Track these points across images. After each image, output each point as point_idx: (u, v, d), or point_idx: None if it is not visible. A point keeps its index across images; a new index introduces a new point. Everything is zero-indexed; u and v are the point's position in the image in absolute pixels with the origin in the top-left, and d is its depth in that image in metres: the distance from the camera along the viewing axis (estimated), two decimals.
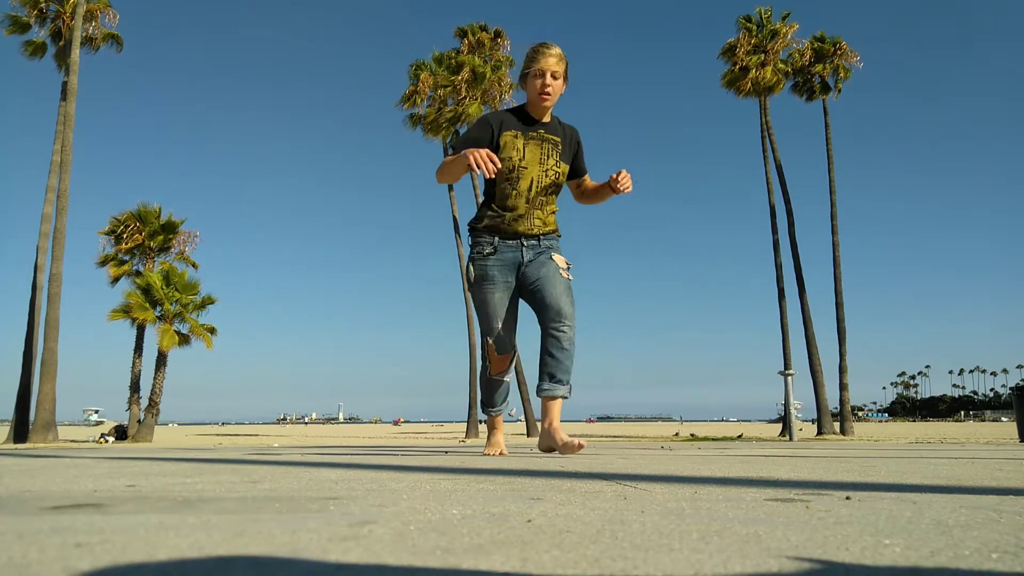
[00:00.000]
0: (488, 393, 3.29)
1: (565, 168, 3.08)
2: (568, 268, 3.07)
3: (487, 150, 2.80)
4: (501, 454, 3.08)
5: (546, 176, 3.02)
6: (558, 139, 3.06)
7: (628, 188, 3.03)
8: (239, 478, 1.74)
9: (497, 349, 3.12)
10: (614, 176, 3.03)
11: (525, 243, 3.05)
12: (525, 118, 3.04)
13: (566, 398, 2.99)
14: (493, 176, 2.82)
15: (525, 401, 25.75)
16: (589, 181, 3.24)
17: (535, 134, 3.02)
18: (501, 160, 2.94)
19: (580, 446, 2.91)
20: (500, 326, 3.06)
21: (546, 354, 2.96)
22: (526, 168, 2.98)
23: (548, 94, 2.96)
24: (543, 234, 3.07)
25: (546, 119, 3.06)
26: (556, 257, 3.06)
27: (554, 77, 2.96)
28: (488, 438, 3.26)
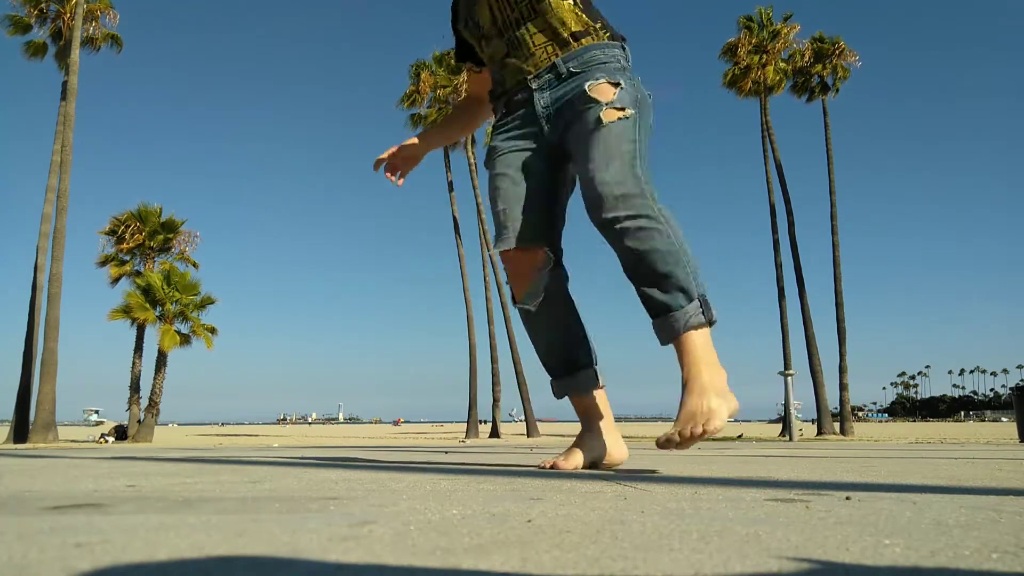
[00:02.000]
0: (537, 346, 2.02)
1: None
2: (619, 97, 1.87)
3: (391, 153, 2.15)
4: (576, 468, 1.91)
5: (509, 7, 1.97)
6: None
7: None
8: (239, 478, 1.74)
9: (499, 242, 1.94)
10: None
11: (535, 84, 1.95)
12: None
13: (706, 323, 1.71)
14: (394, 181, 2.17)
15: (525, 401, 25.75)
16: None
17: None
18: (458, 24, 2.15)
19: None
20: (504, 202, 1.95)
21: (624, 263, 1.77)
22: (476, 3, 2.04)
23: None
24: (561, 53, 1.94)
25: None
26: (594, 89, 1.87)
27: None
28: (575, 442, 1.98)
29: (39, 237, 19.07)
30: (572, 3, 2.00)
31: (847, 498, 1.28)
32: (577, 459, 1.94)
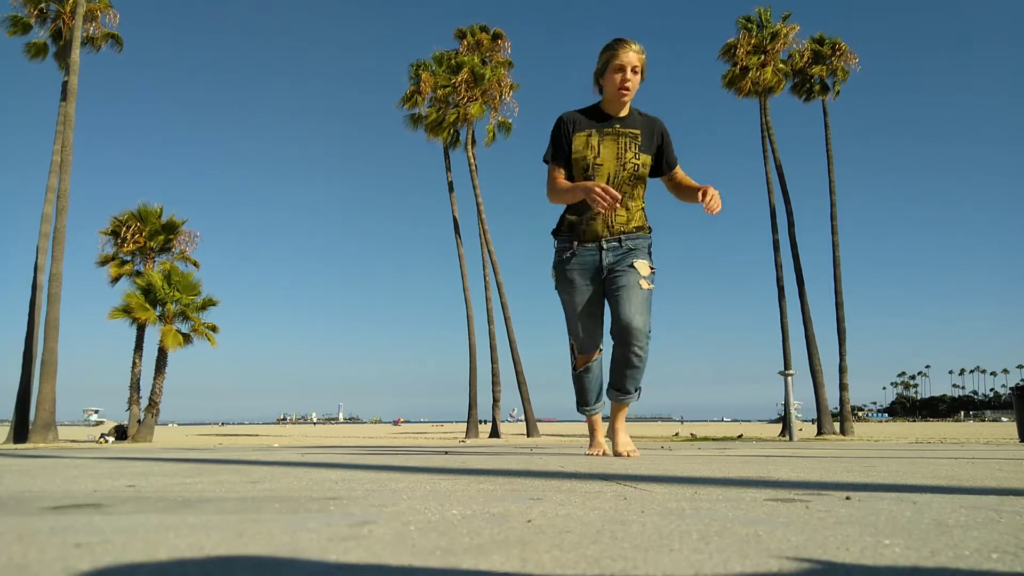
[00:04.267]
0: (578, 391, 3.25)
1: (646, 159, 2.98)
2: (651, 276, 2.99)
3: (607, 186, 2.77)
4: (604, 454, 3.09)
5: (624, 170, 2.94)
6: (637, 131, 2.98)
7: (715, 209, 2.90)
8: (239, 478, 1.74)
9: (579, 349, 3.14)
10: (701, 195, 2.91)
11: (605, 245, 2.98)
12: (599, 115, 2.99)
13: (635, 400, 3.08)
14: (610, 211, 2.83)
15: (525, 401, 25.74)
16: (682, 174, 3.13)
17: (610, 130, 2.95)
18: (575, 160, 2.94)
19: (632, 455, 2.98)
20: (581, 329, 3.07)
21: (617, 367, 2.96)
22: (601, 165, 2.93)
23: (627, 89, 2.91)
24: (625, 233, 2.99)
25: (623, 113, 2.99)
26: (638, 264, 2.97)
27: (634, 72, 2.91)
28: (591, 438, 3.27)
29: (39, 237, 19.08)
30: (643, 204, 3.08)
31: (847, 498, 1.28)
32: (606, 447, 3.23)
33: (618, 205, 2.81)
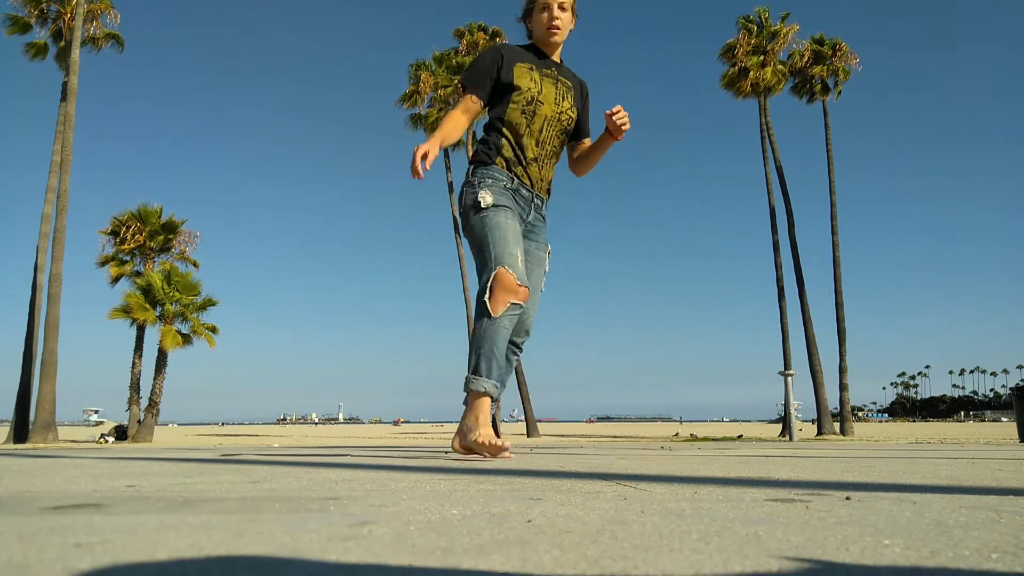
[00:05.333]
0: (488, 350, 2.52)
1: (575, 116, 2.80)
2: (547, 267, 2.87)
3: (426, 148, 2.51)
4: (499, 447, 2.50)
5: (559, 120, 2.73)
6: (570, 83, 2.79)
7: (626, 125, 2.73)
8: (239, 478, 1.74)
9: (519, 277, 2.52)
10: (609, 113, 2.72)
11: (534, 199, 2.75)
12: (538, 53, 2.77)
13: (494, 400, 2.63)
14: (419, 177, 2.50)
15: (525, 401, 25.74)
16: (587, 143, 2.94)
17: (549, 72, 2.74)
18: (518, 92, 2.67)
19: (502, 448, 2.51)
20: (519, 254, 2.56)
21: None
22: (543, 104, 2.69)
23: (557, 27, 2.68)
24: (545, 197, 2.80)
25: (556, 58, 2.79)
26: (547, 253, 2.85)
27: (562, 8, 2.68)
28: (471, 424, 2.55)
29: (39, 237, 19.08)
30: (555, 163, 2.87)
31: (847, 498, 1.28)
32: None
33: (546, 159, 2.71)
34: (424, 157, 2.52)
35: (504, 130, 2.69)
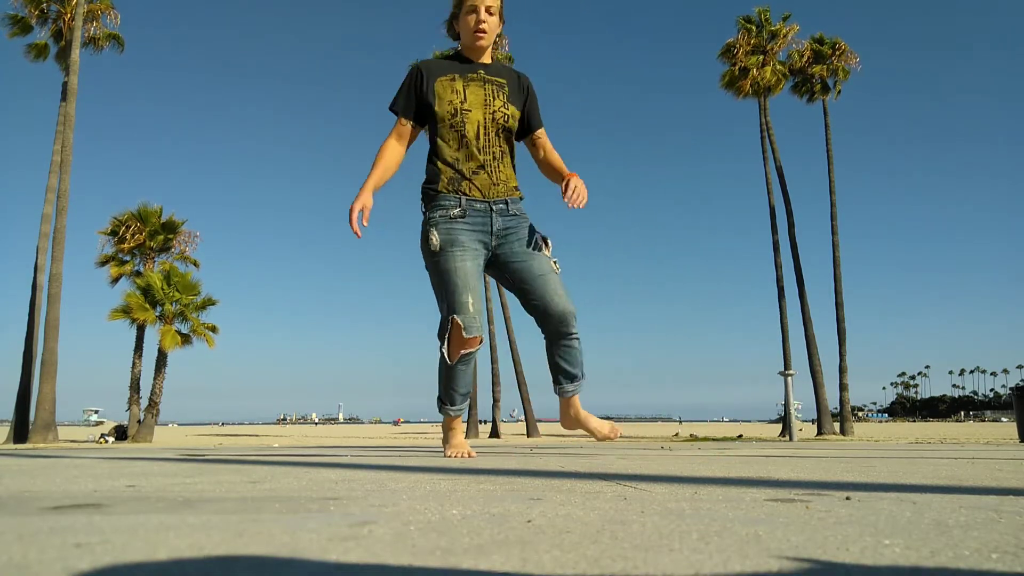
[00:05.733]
0: (448, 387, 2.74)
1: (515, 111, 2.73)
2: (551, 255, 2.76)
3: (361, 204, 2.56)
4: (469, 455, 2.70)
5: (493, 121, 2.68)
6: (503, 80, 2.74)
7: (578, 203, 2.68)
8: (239, 478, 1.74)
9: (466, 329, 2.57)
10: (564, 186, 2.70)
11: (494, 206, 2.68)
12: (461, 60, 2.75)
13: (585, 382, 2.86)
14: (358, 235, 2.54)
15: (525, 401, 25.73)
16: (549, 144, 2.90)
17: (475, 75, 2.70)
18: (441, 104, 2.66)
19: (613, 432, 2.92)
20: (471, 301, 2.57)
21: (560, 361, 2.76)
22: (470, 111, 2.66)
23: (483, 31, 2.66)
24: (509, 197, 2.72)
25: (485, 60, 2.76)
26: (546, 251, 2.74)
27: (489, 12, 2.67)
28: (446, 439, 2.84)
29: (39, 237, 19.09)
30: (513, 162, 2.81)
31: (847, 498, 1.28)
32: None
33: (494, 164, 2.65)
34: (362, 211, 2.55)
35: (440, 152, 2.70)
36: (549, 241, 2.79)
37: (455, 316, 2.57)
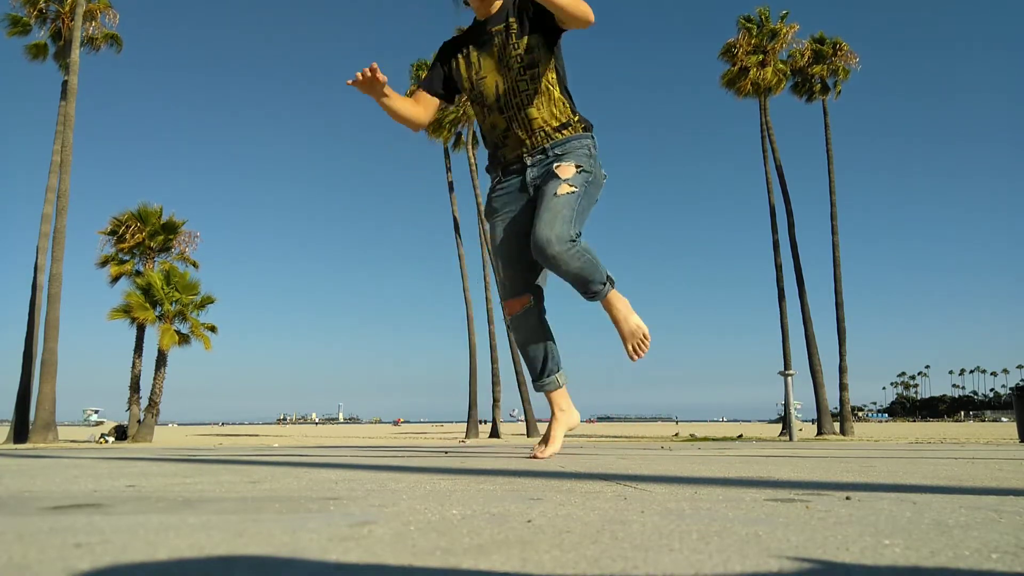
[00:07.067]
0: (523, 355, 2.77)
1: (523, 42, 2.55)
2: (575, 176, 2.53)
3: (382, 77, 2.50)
4: (541, 455, 2.60)
5: (509, 69, 2.57)
6: (501, 25, 2.59)
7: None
8: (239, 478, 1.74)
9: (501, 294, 2.75)
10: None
11: (529, 161, 2.61)
12: (475, 28, 2.67)
13: (612, 287, 2.56)
14: (359, 85, 2.49)
15: (525, 401, 25.74)
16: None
17: (485, 36, 2.61)
18: (462, 83, 2.66)
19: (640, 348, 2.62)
20: (503, 264, 2.69)
21: (570, 282, 2.53)
22: (484, 78, 2.61)
23: None
24: (550, 138, 2.59)
25: (493, 11, 2.62)
26: (560, 168, 2.55)
27: None
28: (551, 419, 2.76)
29: (39, 237, 19.09)
30: (561, 95, 2.63)
31: (847, 498, 1.28)
32: (554, 447, 2.68)
33: (522, 113, 2.55)
34: (374, 72, 2.48)
35: (481, 130, 2.76)
36: (575, 166, 2.56)
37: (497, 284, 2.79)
